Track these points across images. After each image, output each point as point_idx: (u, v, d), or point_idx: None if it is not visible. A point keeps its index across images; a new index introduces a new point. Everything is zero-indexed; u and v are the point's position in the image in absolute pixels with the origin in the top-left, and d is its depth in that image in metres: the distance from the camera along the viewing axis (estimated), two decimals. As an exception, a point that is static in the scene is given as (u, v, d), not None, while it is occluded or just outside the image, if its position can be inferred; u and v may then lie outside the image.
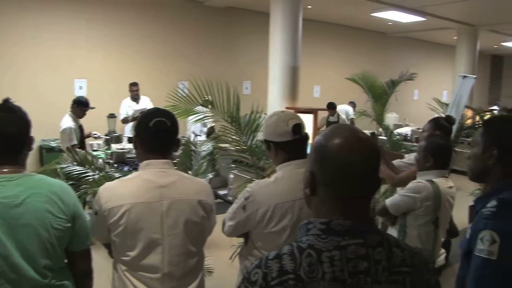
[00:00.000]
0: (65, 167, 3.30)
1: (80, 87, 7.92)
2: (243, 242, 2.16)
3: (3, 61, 7.13)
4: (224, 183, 5.33)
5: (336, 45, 12.25)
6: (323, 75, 11.82)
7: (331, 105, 9.03)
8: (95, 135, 5.98)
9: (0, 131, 1.60)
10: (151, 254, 1.77)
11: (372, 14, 9.83)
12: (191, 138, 5.65)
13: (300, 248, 1.00)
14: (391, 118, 10.68)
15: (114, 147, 5.63)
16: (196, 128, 6.94)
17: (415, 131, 9.15)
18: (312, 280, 0.96)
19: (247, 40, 10.00)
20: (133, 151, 2.46)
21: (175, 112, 3.41)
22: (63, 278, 1.70)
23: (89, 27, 7.96)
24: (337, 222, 1.02)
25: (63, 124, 5.14)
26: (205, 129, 6.98)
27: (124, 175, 2.05)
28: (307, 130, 2.11)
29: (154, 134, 1.82)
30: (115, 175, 3.26)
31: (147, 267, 1.77)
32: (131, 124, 6.57)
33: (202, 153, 3.89)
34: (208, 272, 3.26)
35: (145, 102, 7.11)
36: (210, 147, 3.97)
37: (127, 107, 7.08)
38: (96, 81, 8.03)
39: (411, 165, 3.20)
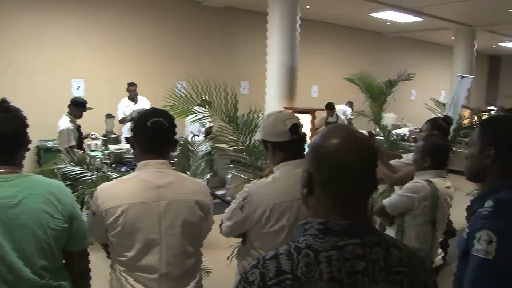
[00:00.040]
0: (63, 168, 3.29)
1: (78, 87, 7.91)
2: (241, 242, 2.16)
3: (2, 61, 7.11)
4: (222, 183, 5.33)
5: (334, 45, 12.26)
6: (321, 75, 11.83)
7: (330, 106, 9.04)
8: (93, 136, 5.97)
9: None
10: (149, 255, 1.77)
11: (370, 14, 9.84)
12: (189, 138, 5.64)
13: (298, 248, 1.00)
14: (389, 118, 10.70)
15: (112, 148, 5.62)
16: (194, 128, 6.94)
17: (413, 131, 9.16)
18: (310, 280, 0.96)
19: (245, 40, 9.99)
20: (131, 152, 2.46)
21: (173, 112, 3.41)
22: (60, 279, 1.69)
23: (87, 27, 7.95)
24: (335, 222, 1.02)
25: (61, 125, 5.12)
26: (203, 129, 6.98)
27: (122, 176, 2.04)
28: (305, 130, 2.11)
29: (152, 134, 1.82)
30: (113, 176, 3.25)
31: (145, 268, 1.77)
32: (129, 124, 6.56)
33: (200, 153, 3.89)
34: (206, 273, 3.26)
35: (143, 102, 7.10)
36: (208, 147, 3.97)
37: (125, 107, 7.07)
38: (94, 81, 8.02)
39: (409, 165, 3.20)
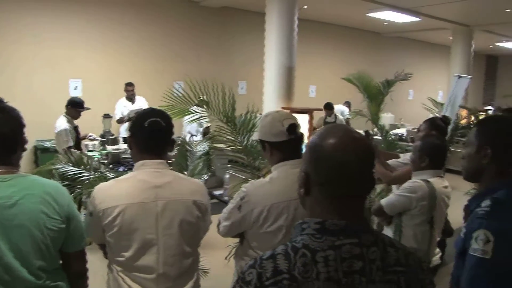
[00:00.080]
0: (60, 168, 3.29)
1: (75, 87, 7.90)
2: (239, 242, 2.16)
3: (0, 60, 7.10)
4: (220, 183, 5.31)
5: (332, 45, 12.27)
6: (319, 75, 11.84)
7: (328, 106, 9.05)
8: (91, 137, 5.95)
9: None
10: (146, 255, 1.77)
11: (368, 14, 9.85)
12: (187, 138, 5.64)
13: (295, 248, 1.00)
14: (387, 118, 10.70)
15: (110, 148, 5.61)
16: (192, 128, 6.93)
17: (411, 131, 9.17)
18: (307, 280, 0.96)
19: (243, 40, 10.00)
20: (129, 152, 2.46)
21: (171, 112, 3.40)
22: (58, 279, 1.69)
23: (85, 27, 7.94)
24: (332, 222, 1.02)
25: (58, 126, 5.10)
26: (201, 129, 6.97)
27: (119, 176, 2.04)
28: (303, 130, 2.11)
29: (149, 134, 1.81)
30: (110, 176, 3.25)
31: (142, 268, 1.77)
32: (127, 124, 6.56)
33: (198, 153, 3.88)
34: (204, 273, 3.26)
35: (141, 102, 7.10)
36: (206, 147, 3.97)
37: (123, 107, 7.07)
38: (92, 81, 8.01)
39: (406, 165, 3.21)
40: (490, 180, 1.62)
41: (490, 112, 10.64)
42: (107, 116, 6.34)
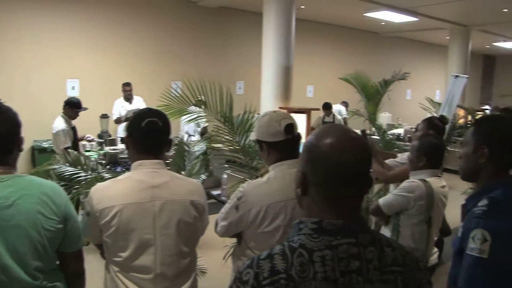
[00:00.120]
0: (58, 168, 3.28)
1: (73, 87, 7.88)
2: (236, 242, 2.16)
3: (-2, 60, 7.11)
4: (218, 183, 5.33)
5: (329, 45, 12.27)
6: (316, 75, 11.84)
7: (327, 105, 9.05)
8: (89, 138, 5.93)
9: None
10: (143, 255, 1.76)
11: (365, 14, 9.86)
12: (185, 138, 5.64)
13: (292, 248, 1.00)
14: (384, 118, 10.72)
15: (108, 149, 5.60)
16: (190, 128, 6.93)
17: (408, 131, 9.19)
18: (304, 280, 0.96)
19: (240, 40, 10.00)
20: (126, 152, 2.46)
21: (168, 112, 3.41)
22: (55, 280, 1.68)
23: (82, 27, 7.93)
24: (329, 222, 1.02)
25: (56, 126, 5.08)
26: (199, 129, 6.97)
27: (116, 176, 2.04)
28: (300, 130, 2.11)
29: (146, 134, 1.81)
30: (107, 176, 3.24)
31: (140, 268, 1.77)
32: (124, 125, 6.54)
33: (195, 153, 3.88)
34: (201, 273, 3.26)
35: (138, 102, 7.09)
36: (203, 147, 3.96)
37: (120, 107, 7.06)
38: (89, 81, 7.99)
39: (404, 165, 3.21)
40: (487, 180, 1.62)
41: (487, 112, 10.65)
42: (105, 116, 6.33)
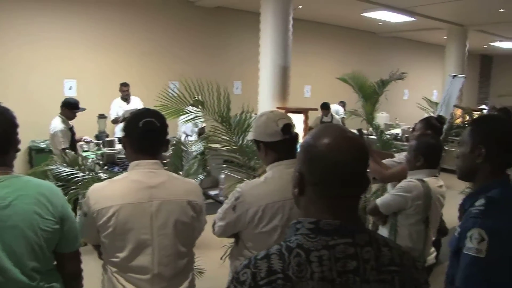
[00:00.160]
0: (55, 169, 3.27)
1: (70, 88, 7.87)
2: (234, 243, 2.16)
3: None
4: (215, 183, 5.31)
5: (327, 45, 12.28)
6: (314, 75, 11.84)
7: (325, 105, 9.06)
8: (87, 140, 5.92)
9: None
10: (141, 255, 1.76)
11: (362, 14, 9.86)
12: (182, 139, 5.63)
13: (289, 248, 1.00)
14: (382, 118, 10.73)
15: (105, 150, 5.58)
16: (187, 129, 6.93)
17: (406, 131, 9.20)
18: (301, 280, 0.95)
19: (238, 40, 10.00)
20: (123, 152, 2.45)
21: (166, 112, 3.40)
22: (52, 280, 1.68)
23: (80, 27, 7.91)
24: (326, 222, 1.02)
25: (53, 127, 5.06)
26: (196, 129, 6.97)
27: (113, 176, 2.03)
28: (297, 130, 2.11)
29: (143, 135, 1.81)
30: (104, 176, 3.24)
31: (137, 268, 1.76)
32: (122, 125, 6.52)
33: (193, 154, 3.88)
34: (199, 273, 3.26)
35: (136, 103, 7.08)
36: (201, 147, 3.96)
37: (118, 108, 7.05)
38: (86, 82, 7.98)
39: (401, 164, 3.22)
40: (484, 179, 1.62)
41: (485, 112, 10.68)
42: (102, 117, 6.32)
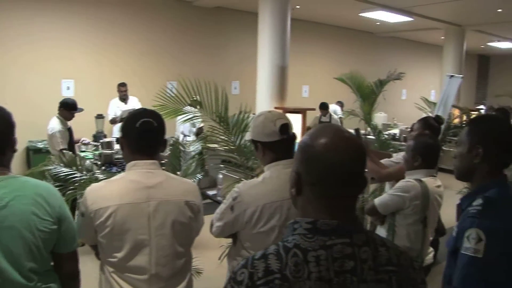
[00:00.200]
0: (53, 169, 3.27)
1: (68, 88, 7.86)
2: (232, 243, 2.16)
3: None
4: (213, 183, 5.31)
5: (325, 45, 12.29)
6: (312, 75, 11.85)
7: (324, 105, 9.08)
8: (85, 141, 5.90)
9: None
10: (138, 255, 1.76)
11: (360, 14, 9.88)
12: (180, 139, 5.61)
13: (286, 248, 1.00)
14: (380, 118, 10.73)
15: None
16: (185, 129, 6.92)
17: (404, 131, 9.20)
18: (298, 280, 0.95)
19: (236, 40, 10.00)
20: (121, 152, 2.45)
21: (163, 112, 3.40)
22: (49, 281, 1.67)
23: (78, 27, 7.91)
24: (323, 222, 1.02)
25: (51, 128, 5.04)
26: (194, 129, 6.96)
27: (110, 176, 2.03)
28: (295, 130, 2.11)
29: (141, 135, 1.81)
30: (101, 177, 3.23)
31: (134, 269, 1.76)
32: (119, 125, 6.51)
33: (191, 154, 3.87)
34: (197, 273, 3.25)
35: (134, 103, 7.07)
36: (199, 147, 3.96)
37: (115, 108, 7.04)
38: (84, 82, 7.97)
39: (399, 164, 3.22)
40: (482, 179, 1.62)
41: (482, 112, 10.69)
42: (100, 117, 6.31)
